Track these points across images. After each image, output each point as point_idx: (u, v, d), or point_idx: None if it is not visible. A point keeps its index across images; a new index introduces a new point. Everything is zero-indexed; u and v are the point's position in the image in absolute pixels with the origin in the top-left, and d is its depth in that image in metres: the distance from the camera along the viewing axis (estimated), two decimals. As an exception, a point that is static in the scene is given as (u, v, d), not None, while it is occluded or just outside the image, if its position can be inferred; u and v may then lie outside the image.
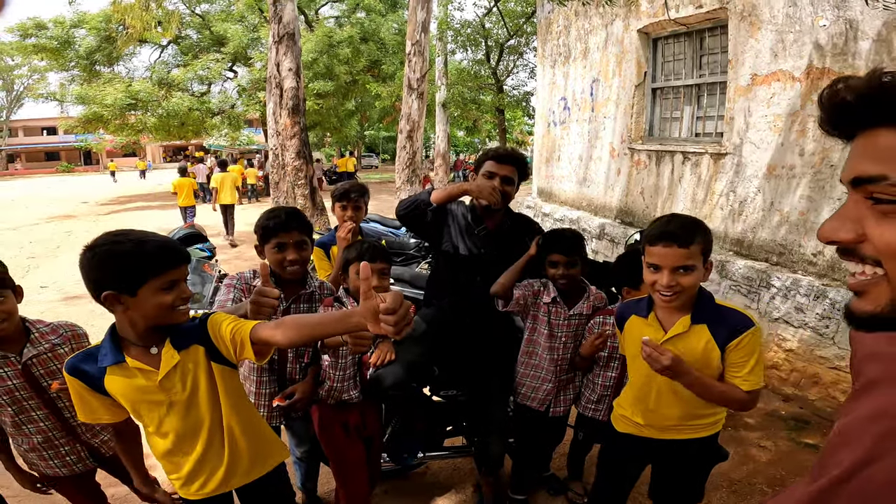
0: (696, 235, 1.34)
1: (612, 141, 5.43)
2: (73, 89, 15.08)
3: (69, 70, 15.88)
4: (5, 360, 1.55)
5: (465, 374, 2.10)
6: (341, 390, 1.82)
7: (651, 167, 4.82)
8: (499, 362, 2.08)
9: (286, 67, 6.60)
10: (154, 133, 15.69)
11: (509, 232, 2.10)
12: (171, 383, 1.27)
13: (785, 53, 3.43)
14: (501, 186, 1.96)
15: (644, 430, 1.55)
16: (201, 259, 2.85)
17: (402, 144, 8.23)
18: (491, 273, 2.00)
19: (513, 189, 2.02)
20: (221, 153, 23.11)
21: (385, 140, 36.76)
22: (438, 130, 12.58)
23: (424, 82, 8.12)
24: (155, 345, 1.28)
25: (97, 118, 14.26)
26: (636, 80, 4.94)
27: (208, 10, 17.07)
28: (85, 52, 15.00)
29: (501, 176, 1.98)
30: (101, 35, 14.64)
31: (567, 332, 2.02)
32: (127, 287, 1.19)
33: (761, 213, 3.67)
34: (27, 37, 14.63)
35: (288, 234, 1.72)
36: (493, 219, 2.08)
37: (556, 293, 2.00)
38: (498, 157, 2.02)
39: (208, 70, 15.26)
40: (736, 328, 1.37)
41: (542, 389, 2.05)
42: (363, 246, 1.84)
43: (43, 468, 1.71)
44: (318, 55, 15.00)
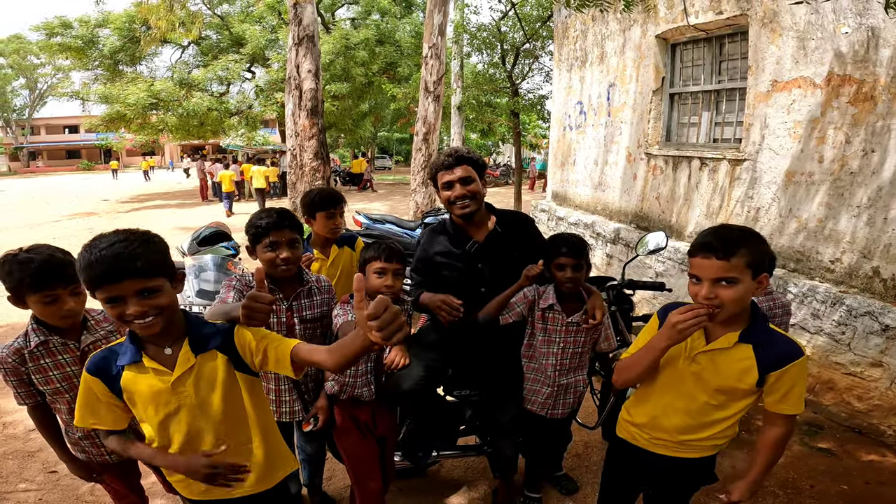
0: (739, 247, 1.26)
1: (628, 146, 5.42)
2: (97, 88, 15.41)
3: (92, 69, 16.23)
4: (66, 347, 1.61)
5: (477, 375, 2.13)
6: (354, 386, 1.86)
7: (668, 172, 4.81)
8: (508, 364, 2.10)
9: (305, 69, 6.69)
10: (174, 132, 15.97)
11: (504, 237, 2.03)
12: (183, 386, 1.25)
13: (806, 60, 3.42)
14: (463, 189, 1.92)
15: (638, 437, 1.55)
16: (226, 257, 2.93)
17: (418, 147, 8.29)
18: (495, 282, 2.00)
19: (477, 185, 1.95)
20: (237, 153, 23.44)
21: (398, 142, 36.93)
22: (453, 133, 12.60)
23: (441, 85, 8.17)
24: (169, 345, 1.25)
25: (120, 117, 14.58)
26: (654, 85, 4.93)
27: (228, 10, 17.34)
28: (109, 51, 15.34)
29: (459, 178, 1.93)
30: (125, 35, 14.96)
31: (566, 338, 2.01)
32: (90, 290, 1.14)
33: (779, 220, 3.65)
34: (53, 35, 14.98)
35: (280, 233, 1.73)
36: (479, 229, 2.02)
37: (554, 300, 1.98)
38: (444, 166, 1.96)
39: (227, 70, 15.51)
40: (783, 357, 1.31)
41: (541, 393, 2.07)
42: (380, 246, 1.84)
43: (94, 455, 1.74)
44: (334, 57, 15.17)
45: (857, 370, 3.06)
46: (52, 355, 1.60)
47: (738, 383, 1.36)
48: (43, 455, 2.73)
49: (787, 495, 2.47)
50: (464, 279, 2.01)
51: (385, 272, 1.81)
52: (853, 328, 3.08)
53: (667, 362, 1.46)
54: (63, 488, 2.49)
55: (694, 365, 1.40)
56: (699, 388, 1.41)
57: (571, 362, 2.05)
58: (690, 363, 1.41)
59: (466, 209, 1.95)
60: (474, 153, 2.02)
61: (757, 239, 1.31)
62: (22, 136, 38.62)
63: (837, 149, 3.24)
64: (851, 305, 3.09)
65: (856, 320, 3.06)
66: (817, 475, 2.63)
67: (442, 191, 1.99)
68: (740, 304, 1.31)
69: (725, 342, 1.36)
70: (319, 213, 2.42)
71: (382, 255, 1.81)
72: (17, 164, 37.15)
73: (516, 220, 2.11)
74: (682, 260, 4.42)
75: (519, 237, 2.06)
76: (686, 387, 1.43)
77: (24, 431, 2.94)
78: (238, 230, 9.26)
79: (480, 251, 2.01)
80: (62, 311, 1.54)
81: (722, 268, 1.27)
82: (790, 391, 1.33)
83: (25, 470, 2.63)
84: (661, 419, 1.49)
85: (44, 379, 1.61)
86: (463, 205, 1.95)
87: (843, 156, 3.21)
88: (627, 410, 1.62)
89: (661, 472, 1.55)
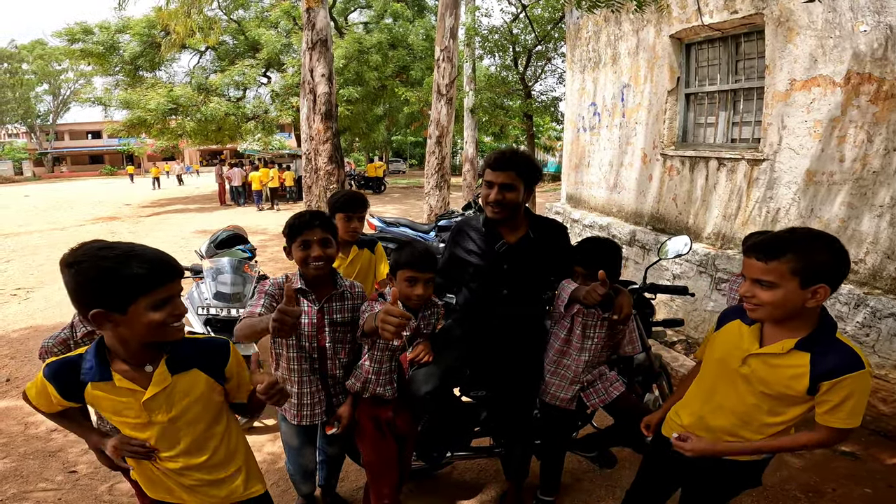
0: (784, 252, 1.24)
1: (643, 147, 5.37)
2: (118, 94, 15.76)
3: (114, 75, 16.60)
4: None
5: (494, 376, 2.13)
6: (376, 383, 1.88)
7: (684, 173, 4.75)
8: (527, 364, 2.10)
9: (319, 73, 6.74)
10: (193, 137, 16.26)
11: (535, 243, 1.99)
12: (156, 404, 1.22)
13: (825, 59, 3.36)
14: (500, 195, 1.88)
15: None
16: (242, 260, 2.99)
17: (431, 150, 8.32)
18: (518, 285, 2.00)
19: (516, 195, 1.89)
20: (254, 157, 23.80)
21: (412, 145, 37.10)
22: (467, 136, 12.63)
23: (453, 88, 8.19)
24: (150, 362, 1.22)
25: (141, 122, 14.89)
26: (669, 85, 4.88)
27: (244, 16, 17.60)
28: (129, 56, 15.68)
29: (499, 184, 1.88)
30: (145, 40, 15.26)
31: (600, 332, 2.03)
32: (116, 305, 1.10)
33: (800, 221, 3.58)
34: (75, 41, 15.33)
35: (312, 232, 1.78)
36: (512, 231, 1.99)
37: None
38: (493, 164, 1.90)
39: (243, 75, 15.74)
40: (839, 367, 1.26)
41: (570, 390, 2.07)
42: (413, 252, 1.80)
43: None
44: (348, 61, 15.31)
45: (881, 373, 2.98)
46: None
47: (786, 389, 1.33)
48: (63, 455, 2.78)
49: (808, 499, 2.43)
50: (487, 278, 2.00)
51: (417, 281, 1.79)
52: (877, 330, 3.01)
53: (718, 362, 1.46)
54: (82, 488, 2.53)
55: (744, 367, 1.39)
56: (748, 391, 1.40)
57: (599, 357, 2.07)
58: (741, 365, 1.40)
59: (496, 215, 1.93)
60: (530, 160, 1.96)
61: (816, 247, 1.24)
62: (46, 141, 39.71)
63: (859, 148, 3.18)
64: (875, 307, 3.02)
65: (880, 322, 2.99)
66: (840, 479, 2.57)
67: (483, 187, 1.97)
68: (782, 310, 1.29)
69: (779, 348, 1.33)
70: (339, 215, 2.45)
71: (416, 262, 1.77)
72: (41, 169, 38.19)
73: (551, 228, 2.06)
74: (700, 262, 4.36)
75: (550, 245, 2.01)
76: (735, 388, 1.42)
77: (45, 431, 2.99)
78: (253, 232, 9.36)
79: (509, 253, 1.97)
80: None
81: (760, 269, 1.28)
82: (842, 404, 1.28)
83: (46, 470, 2.67)
84: (709, 419, 1.48)
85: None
86: (494, 210, 1.92)
87: (864, 155, 3.15)
88: (675, 410, 1.62)
89: (703, 472, 1.54)
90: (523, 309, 2.05)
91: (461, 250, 2.07)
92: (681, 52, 4.79)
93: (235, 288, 2.85)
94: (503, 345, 2.05)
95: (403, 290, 1.80)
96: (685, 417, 1.55)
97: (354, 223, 2.48)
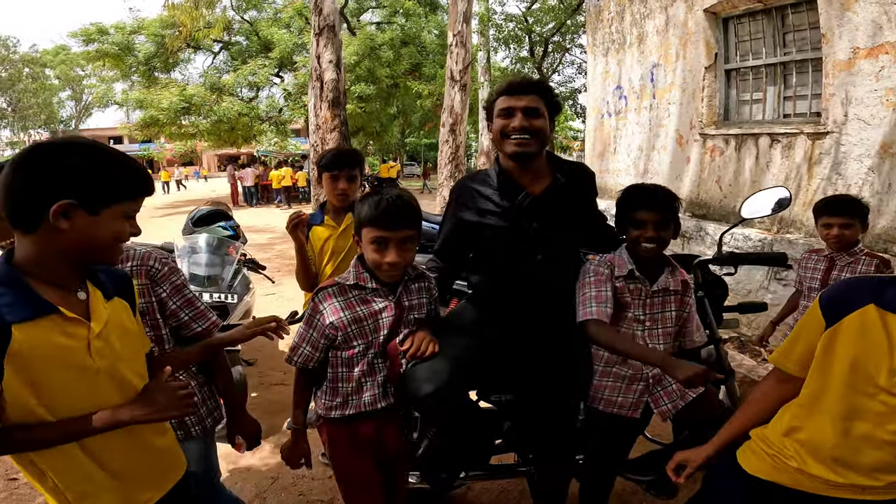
0: None
1: (678, 128, 4.98)
2: (133, 94, 15.78)
3: (130, 76, 16.66)
4: None
5: (522, 374, 1.65)
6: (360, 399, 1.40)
7: (729, 153, 4.32)
8: (566, 359, 1.61)
9: (326, 59, 6.50)
10: (206, 137, 16.19)
11: (565, 190, 1.56)
12: (101, 342, 0.92)
13: (891, 25, 3.03)
14: (526, 120, 1.47)
15: (805, 482, 1.03)
16: (223, 239, 2.57)
17: (445, 138, 7.89)
18: (553, 248, 1.54)
19: (544, 122, 1.50)
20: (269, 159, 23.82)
21: (426, 148, 36.83)
22: (482, 128, 12.23)
23: (467, 74, 7.80)
24: (81, 288, 0.94)
25: (154, 122, 14.85)
26: (705, 62, 4.54)
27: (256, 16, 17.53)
28: (144, 57, 15.68)
29: (524, 108, 1.46)
30: (158, 41, 15.26)
31: (651, 313, 1.55)
32: (91, 203, 0.87)
33: (877, 198, 3.09)
34: (90, 42, 15.39)
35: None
36: (534, 179, 1.55)
37: (632, 264, 1.54)
38: (511, 88, 1.50)
39: (256, 75, 15.63)
40: None
41: (632, 390, 1.57)
42: (378, 202, 1.29)
43: None
44: (359, 58, 15.07)
45: None
46: None
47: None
48: (7, 461, 2.45)
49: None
50: (511, 243, 1.53)
51: (387, 243, 1.28)
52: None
53: (851, 373, 0.98)
54: (19, 497, 2.29)
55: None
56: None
57: (665, 342, 1.57)
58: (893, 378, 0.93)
59: (523, 147, 1.47)
60: (550, 85, 1.59)
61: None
62: (70, 147, 40.46)
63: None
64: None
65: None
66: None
67: (497, 118, 1.51)
68: None
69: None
70: (325, 175, 2.06)
71: (384, 217, 1.26)
72: (65, 174, 38.87)
73: (581, 172, 1.64)
74: (754, 248, 3.88)
75: (581, 193, 1.59)
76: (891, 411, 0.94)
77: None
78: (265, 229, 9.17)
79: (534, 206, 1.52)
80: None
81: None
82: None
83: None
84: (850, 454, 0.99)
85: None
86: (521, 140, 1.46)
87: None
88: (767, 437, 1.11)
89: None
90: (567, 279, 1.56)
91: (470, 213, 1.59)
92: (717, 26, 4.48)
93: (211, 269, 2.43)
94: (538, 330, 1.56)
95: (370, 256, 1.31)
96: (804, 450, 1.03)
97: (342, 183, 2.05)
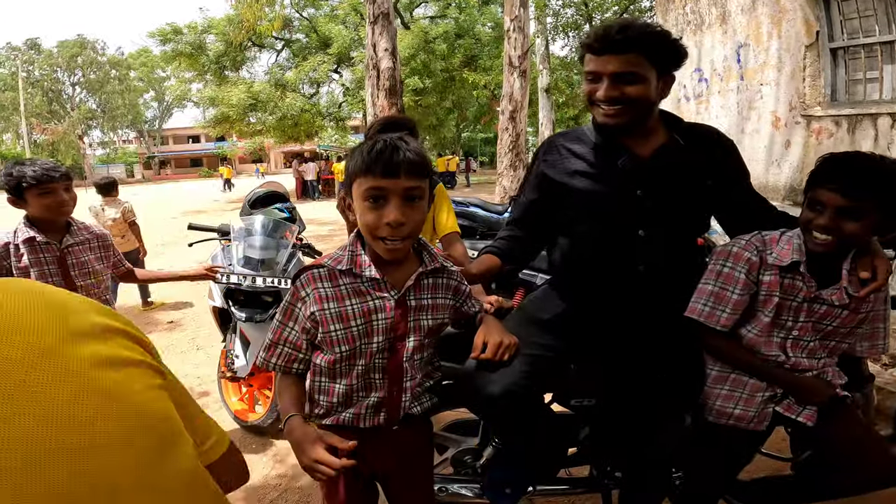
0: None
1: (774, 110, 4.51)
2: (205, 92, 16.71)
3: (204, 75, 17.65)
4: (48, 245, 1.79)
5: (612, 377, 1.37)
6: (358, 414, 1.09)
7: (840, 136, 3.90)
8: (673, 357, 1.31)
9: (382, 48, 6.43)
10: (272, 133, 16.85)
11: (685, 155, 1.23)
12: None
13: None
14: (615, 89, 1.16)
15: None
16: (280, 221, 2.46)
17: (504, 126, 7.55)
18: (660, 221, 1.23)
19: (643, 88, 1.16)
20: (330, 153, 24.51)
21: (483, 142, 36.39)
22: (541, 117, 11.73)
23: (526, 60, 7.43)
24: None
25: (225, 118, 15.63)
26: (806, 40, 4.19)
27: (314, 13, 17.98)
28: (214, 56, 16.55)
29: (612, 74, 1.15)
30: (227, 39, 16.00)
31: (805, 321, 1.20)
32: None
33: None
34: (167, 42, 16.43)
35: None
36: (642, 141, 1.24)
37: (801, 255, 1.18)
38: (597, 44, 1.16)
39: (316, 71, 16.04)
40: None
41: (755, 401, 1.25)
42: (374, 146, 0.96)
43: None
44: (415, 51, 15.04)
45: None
46: (35, 252, 1.77)
47: None
48: None
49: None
50: (606, 214, 1.25)
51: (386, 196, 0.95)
52: None
53: None
54: None
55: None
56: None
57: (817, 356, 1.23)
58: None
59: (613, 119, 1.19)
60: (658, 31, 1.18)
61: None
62: (154, 146, 43.96)
63: None
64: None
65: None
66: None
67: (585, 80, 1.23)
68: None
69: None
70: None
71: (377, 161, 0.94)
72: (149, 171, 42.25)
73: (710, 137, 1.29)
74: None
75: (709, 162, 1.24)
76: None
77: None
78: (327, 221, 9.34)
79: (639, 171, 1.22)
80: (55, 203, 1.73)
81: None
82: None
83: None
84: None
85: (22, 274, 1.75)
86: (609, 111, 1.18)
87: None
88: None
89: None
90: (675, 264, 1.26)
91: (556, 173, 1.30)
92: (816, 3, 4.12)
93: (266, 253, 2.33)
94: (636, 324, 1.28)
95: (365, 218, 0.98)
96: None
97: None
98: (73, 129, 33.00)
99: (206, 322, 4.46)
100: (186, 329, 4.32)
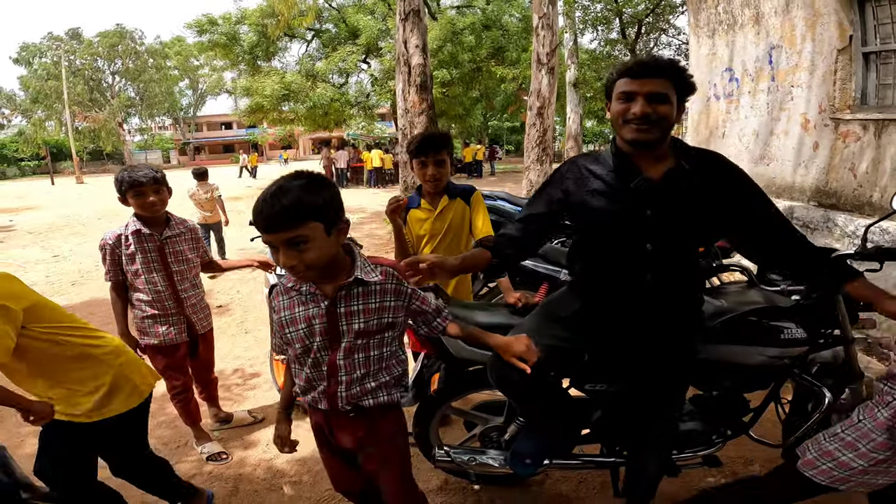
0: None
1: (804, 112, 4.54)
2: (240, 82, 17.16)
3: (237, 65, 18.11)
4: (150, 236, 2.13)
5: (622, 368, 1.59)
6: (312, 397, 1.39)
7: (867, 140, 3.89)
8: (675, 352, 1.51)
9: (413, 44, 6.56)
10: (303, 122, 17.22)
11: (690, 177, 1.38)
12: None
13: None
14: (649, 107, 1.32)
15: None
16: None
17: (532, 122, 7.66)
18: (666, 238, 1.40)
19: (670, 109, 1.33)
20: (358, 141, 24.77)
21: (509, 131, 36.19)
22: (569, 111, 11.71)
23: (554, 57, 7.47)
24: None
25: (259, 108, 16.06)
26: (839, 44, 4.18)
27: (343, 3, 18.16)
28: (248, 46, 16.94)
29: (648, 94, 1.31)
30: (260, 30, 16.35)
31: None
32: None
33: None
34: (203, 32, 16.90)
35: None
36: (653, 163, 1.40)
37: None
38: (636, 70, 1.34)
39: (345, 61, 16.27)
40: None
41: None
42: (257, 206, 1.16)
43: (151, 334, 2.20)
44: (442, 43, 15.08)
45: None
46: (140, 242, 2.12)
47: None
48: None
49: None
50: (620, 230, 1.43)
51: (277, 245, 1.16)
52: None
53: None
54: None
55: None
56: None
57: None
58: None
59: (643, 135, 1.34)
60: (685, 66, 1.39)
61: None
62: (189, 132, 45.28)
63: None
64: None
65: None
66: None
67: (616, 101, 1.38)
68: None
69: None
70: (414, 161, 2.08)
71: (256, 222, 1.16)
72: (184, 157, 43.65)
73: (713, 161, 1.44)
74: (893, 243, 3.42)
75: (714, 184, 1.39)
76: None
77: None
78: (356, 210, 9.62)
79: (651, 192, 1.39)
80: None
81: None
82: None
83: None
84: None
85: (129, 260, 2.12)
86: (640, 128, 1.34)
87: None
88: None
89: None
90: (679, 274, 1.45)
91: (577, 190, 1.48)
92: (851, 8, 4.10)
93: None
94: (644, 325, 1.48)
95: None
96: None
97: (431, 169, 2.05)
98: (113, 117, 34.23)
99: (252, 306, 4.81)
100: (234, 313, 4.66)
